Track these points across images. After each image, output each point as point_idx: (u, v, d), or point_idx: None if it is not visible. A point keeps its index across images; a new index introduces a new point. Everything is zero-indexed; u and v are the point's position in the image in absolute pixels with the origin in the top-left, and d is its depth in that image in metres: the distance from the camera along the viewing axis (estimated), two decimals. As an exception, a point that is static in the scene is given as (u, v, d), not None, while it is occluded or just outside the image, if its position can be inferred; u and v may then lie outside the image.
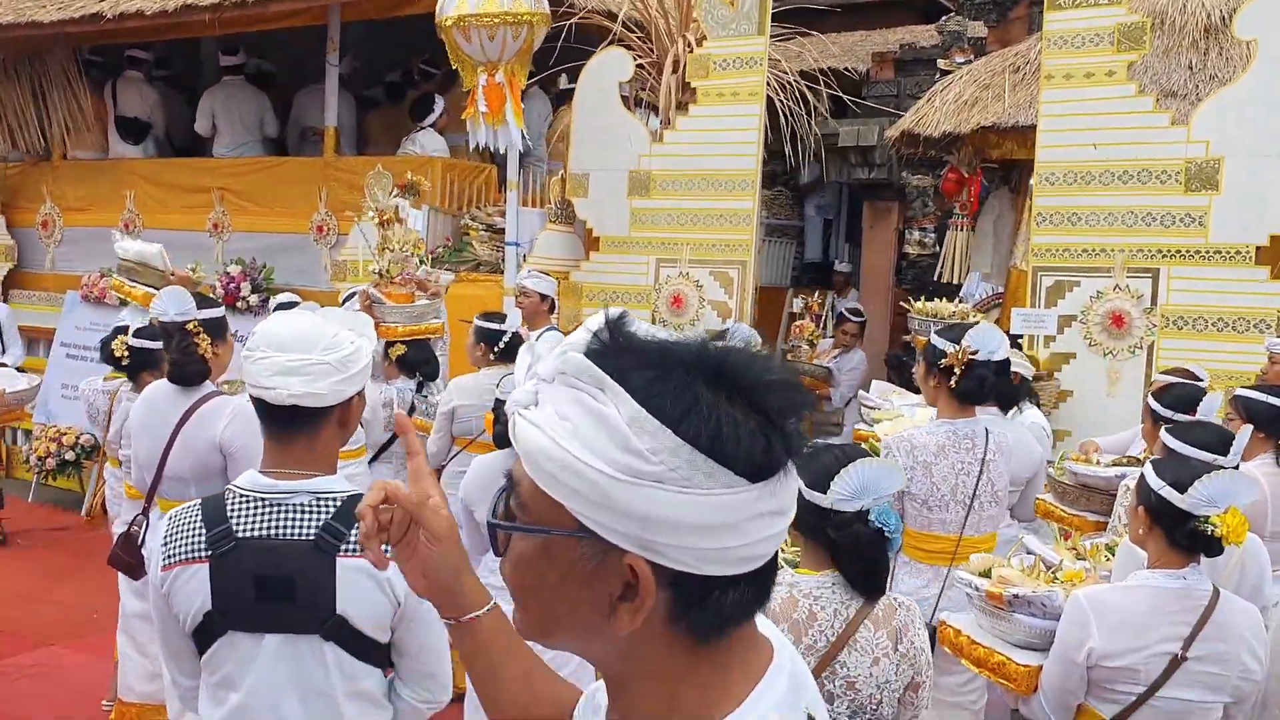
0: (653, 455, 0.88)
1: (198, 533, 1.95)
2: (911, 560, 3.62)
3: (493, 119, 6.23)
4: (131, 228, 8.58)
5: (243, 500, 1.96)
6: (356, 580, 1.93)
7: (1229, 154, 5.44)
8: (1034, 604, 2.65)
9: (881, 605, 2.29)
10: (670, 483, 0.88)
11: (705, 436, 0.89)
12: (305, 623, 1.94)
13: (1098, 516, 3.86)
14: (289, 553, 1.92)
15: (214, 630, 1.95)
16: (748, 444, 0.90)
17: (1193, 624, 2.40)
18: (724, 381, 0.92)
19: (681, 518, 0.89)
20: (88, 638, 4.87)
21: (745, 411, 0.91)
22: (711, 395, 0.91)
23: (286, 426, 1.99)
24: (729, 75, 6.67)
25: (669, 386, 0.91)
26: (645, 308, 6.93)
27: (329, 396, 1.98)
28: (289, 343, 1.97)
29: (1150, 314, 5.64)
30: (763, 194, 8.04)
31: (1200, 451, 2.89)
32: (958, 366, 3.47)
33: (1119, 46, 5.66)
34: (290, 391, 1.94)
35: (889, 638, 2.25)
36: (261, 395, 1.97)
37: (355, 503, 1.93)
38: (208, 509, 1.98)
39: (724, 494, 0.89)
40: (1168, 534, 2.42)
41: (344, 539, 1.93)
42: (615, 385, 0.91)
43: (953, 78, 7.65)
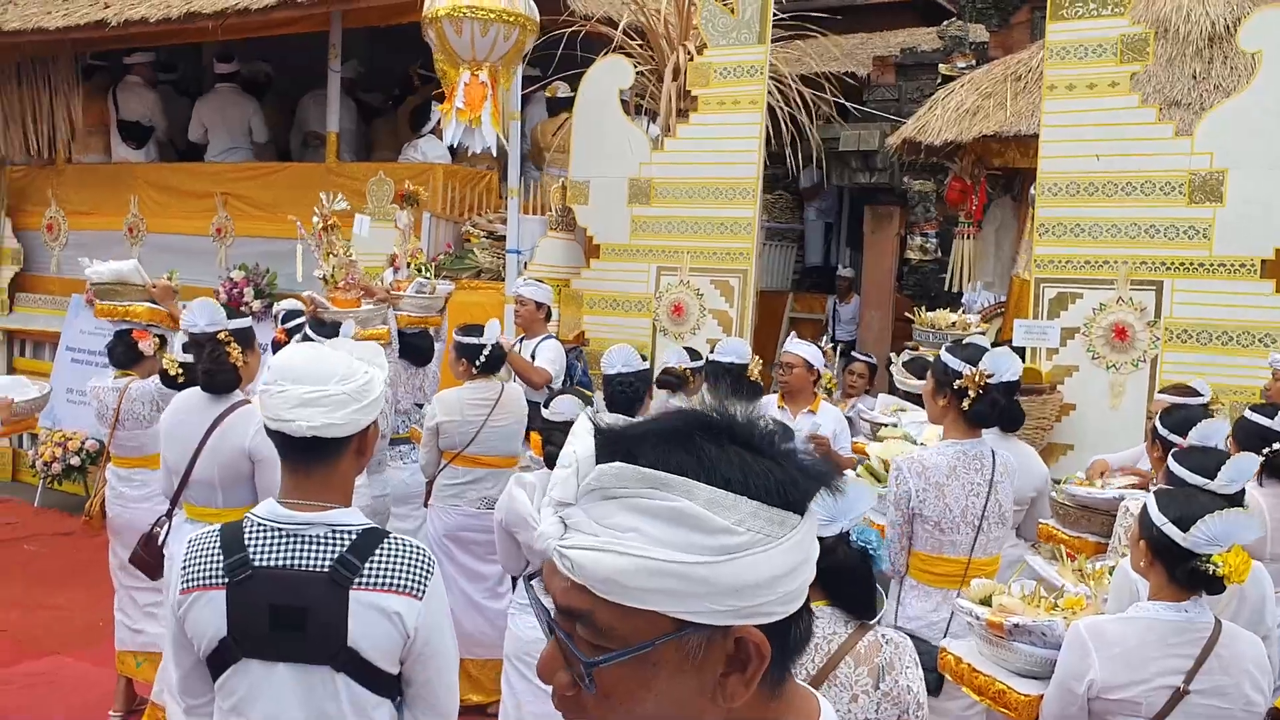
0: (739, 526, 0.91)
1: (216, 559, 1.99)
2: (920, 584, 3.57)
3: (468, 116, 6.15)
4: (135, 232, 8.61)
5: (260, 530, 2.00)
6: (368, 614, 1.96)
7: (1233, 166, 5.43)
8: (1034, 633, 2.65)
9: (866, 641, 2.27)
10: (757, 545, 0.91)
11: (770, 490, 0.93)
12: (317, 653, 1.97)
13: (1098, 538, 3.85)
14: (303, 584, 1.96)
15: (228, 657, 1.98)
16: (791, 483, 0.95)
17: (1195, 656, 2.40)
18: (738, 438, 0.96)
19: (773, 571, 0.92)
20: (94, 646, 4.88)
21: (766, 455, 0.96)
22: (747, 452, 0.95)
23: (305, 458, 2.02)
24: (729, 83, 6.66)
25: (716, 458, 0.94)
26: (646, 316, 6.93)
27: (347, 426, 2.01)
28: (305, 375, 2.00)
29: (1154, 327, 5.63)
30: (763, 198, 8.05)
31: (1192, 475, 2.89)
32: (973, 389, 3.44)
33: (1122, 57, 5.65)
34: (310, 423, 1.97)
35: (870, 675, 2.24)
36: (281, 428, 2.00)
37: (371, 536, 2.01)
38: (226, 536, 2.01)
39: (794, 534, 0.94)
40: (1168, 570, 2.42)
41: (358, 572, 1.97)
42: (675, 478, 0.91)
43: (954, 86, 7.64)
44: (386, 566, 1.99)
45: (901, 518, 3.53)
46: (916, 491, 3.48)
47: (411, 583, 1.99)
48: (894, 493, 3.54)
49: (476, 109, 5.95)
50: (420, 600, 1.99)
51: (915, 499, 3.48)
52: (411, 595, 1.99)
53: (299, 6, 7.30)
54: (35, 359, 9.11)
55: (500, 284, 6.96)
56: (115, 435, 4.68)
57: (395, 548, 2.02)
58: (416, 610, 1.98)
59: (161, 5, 7.67)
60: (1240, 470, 2.88)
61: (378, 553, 1.99)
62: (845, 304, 10.65)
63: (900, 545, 3.59)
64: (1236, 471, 2.86)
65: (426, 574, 2.02)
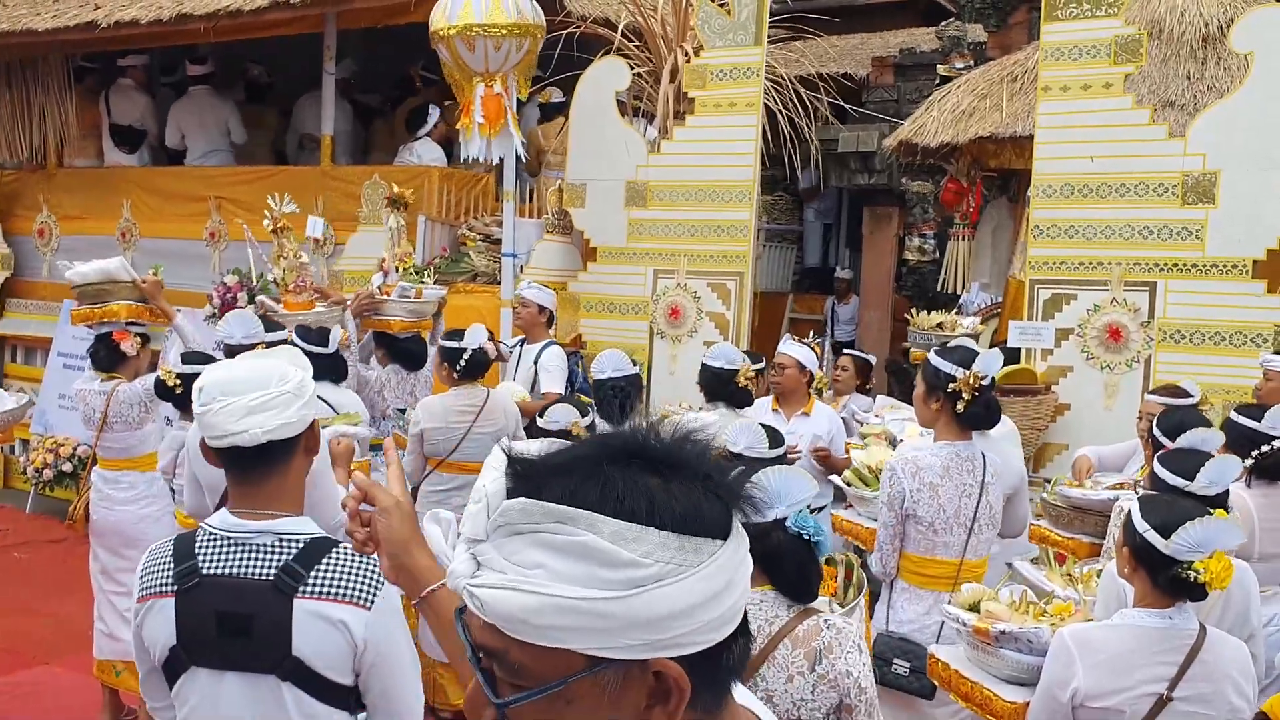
0: (646, 558, 0.88)
1: (167, 568, 2.00)
2: (911, 586, 3.56)
3: (489, 130, 6.20)
4: (128, 237, 8.59)
5: (210, 539, 2.01)
6: (313, 622, 1.95)
7: (1226, 167, 5.42)
8: (1020, 640, 2.64)
9: (806, 625, 2.30)
10: (669, 575, 0.89)
11: (679, 518, 0.90)
12: (263, 662, 1.97)
13: (1092, 539, 3.84)
14: (249, 592, 1.96)
15: (179, 665, 1.99)
16: (708, 506, 0.92)
17: (1179, 664, 2.39)
18: (653, 464, 0.93)
19: (689, 601, 0.89)
20: (83, 655, 4.85)
21: (683, 479, 0.93)
22: (655, 479, 0.92)
23: (256, 467, 2.02)
24: (726, 85, 6.65)
25: (621, 489, 0.91)
26: (643, 319, 6.92)
27: (298, 424, 2.03)
28: (245, 385, 2.00)
29: (1148, 328, 5.62)
30: (762, 199, 8.05)
31: (1173, 476, 2.88)
32: (968, 392, 3.43)
33: (1116, 58, 5.64)
34: (265, 427, 1.97)
35: (806, 658, 2.27)
36: (232, 441, 1.98)
37: (318, 545, 2.02)
38: (179, 545, 2.03)
39: (713, 560, 0.91)
40: (1151, 577, 2.41)
41: (302, 580, 1.96)
42: (579, 512, 0.89)
43: (950, 87, 7.63)
44: (333, 575, 1.98)
45: (895, 519, 3.52)
46: (911, 492, 3.48)
47: (358, 592, 1.98)
48: (887, 493, 3.53)
49: (496, 123, 5.99)
50: (368, 610, 1.97)
51: (910, 499, 3.48)
52: (358, 605, 1.97)
53: (292, 8, 7.27)
54: (27, 365, 9.09)
55: (496, 288, 6.95)
56: (102, 437, 4.67)
57: (343, 557, 2.01)
58: (364, 620, 1.96)
59: (152, 7, 7.65)
60: (1221, 472, 2.87)
61: (324, 562, 1.99)
62: (844, 304, 10.65)
63: (892, 548, 3.58)
64: (1217, 473, 2.85)
65: (376, 584, 1.99)
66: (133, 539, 4.63)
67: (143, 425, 4.65)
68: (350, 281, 7.40)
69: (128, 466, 4.66)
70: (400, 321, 5.34)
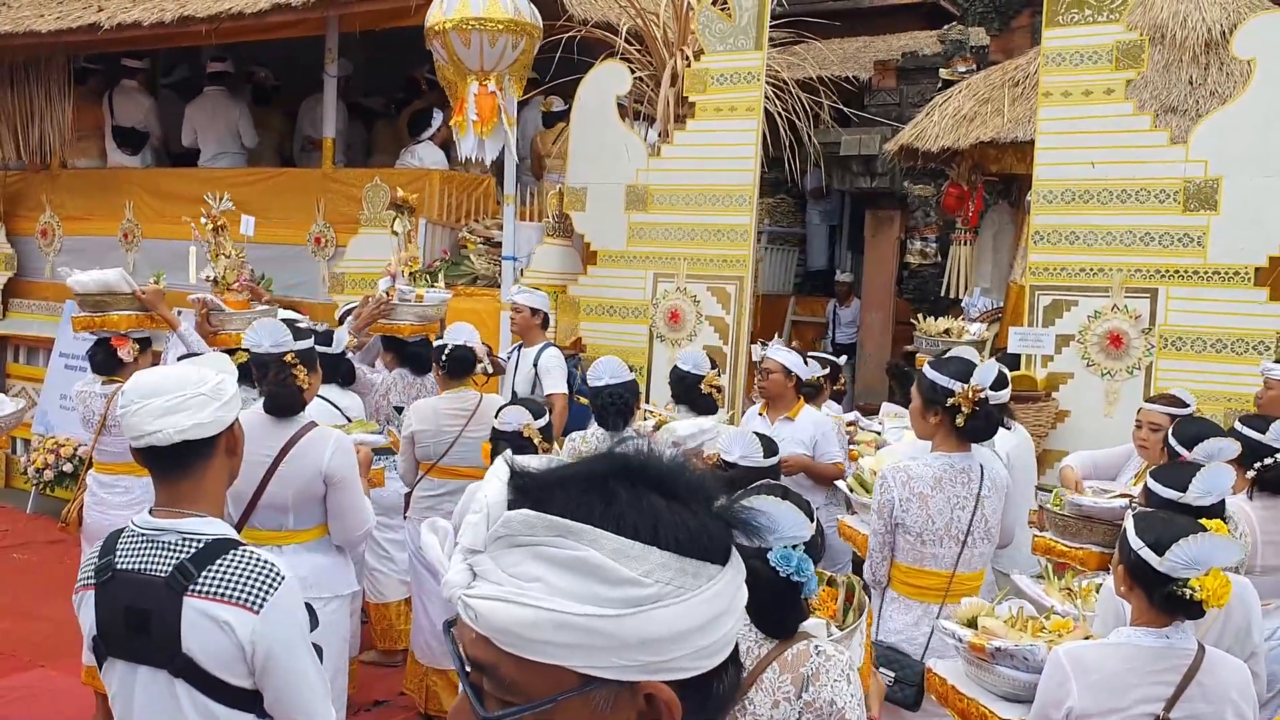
0: (647, 578, 0.87)
1: (93, 562, 2.10)
2: (901, 597, 3.55)
3: (482, 128, 6.17)
4: (130, 238, 8.59)
5: (130, 535, 2.09)
6: (200, 621, 2.00)
7: (1228, 174, 5.40)
8: (1016, 657, 2.62)
9: (794, 650, 2.27)
10: (668, 597, 0.87)
11: (682, 540, 0.89)
12: (159, 658, 2.03)
13: (1103, 549, 3.78)
14: (148, 588, 2.02)
15: (100, 655, 2.09)
16: (710, 529, 0.91)
17: (1175, 684, 2.37)
18: (657, 484, 0.92)
19: (686, 625, 0.88)
20: (79, 658, 4.85)
21: (687, 500, 0.92)
22: (660, 498, 0.91)
23: (174, 466, 2.09)
24: (727, 90, 6.64)
25: (626, 506, 0.90)
26: (643, 322, 6.91)
27: (213, 425, 2.09)
28: (159, 388, 2.08)
29: (1149, 334, 5.60)
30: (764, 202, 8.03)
31: (1165, 489, 2.87)
32: (967, 406, 3.40)
33: (1117, 64, 5.62)
34: (178, 427, 2.04)
35: (793, 683, 2.24)
36: (149, 441, 2.05)
37: (218, 546, 2.06)
38: (107, 541, 2.12)
39: (711, 585, 0.90)
40: (1147, 594, 2.39)
41: (193, 579, 2.01)
42: (582, 526, 0.87)
43: (951, 92, 7.61)
44: (223, 577, 2.01)
45: (884, 527, 3.51)
46: (900, 501, 3.45)
47: (246, 595, 2.00)
48: (877, 501, 3.52)
49: (489, 121, 5.96)
50: (256, 614, 2.00)
51: (898, 508, 3.46)
52: (244, 607, 2.00)
53: (293, 10, 7.27)
54: (29, 365, 9.09)
55: (496, 291, 6.94)
56: (100, 441, 4.65)
57: (238, 559, 2.04)
58: (250, 623, 1.99)
59: (155, 9, 7.65)
60: (1214, 482, 2.85)
61: (218, 563, 2.02)
62: (845, 307, 10.64)
63: (881, 556, 3.56)
64: (1210, 483, 2.83)
65: (267, 588, 2.02)
66: (128, 543, 4.63)
67: (141, 431, 4.64)
68: (351, 284, 7.41)
69: (124, 470, 4.65)
70: (410, 325, 5.33)
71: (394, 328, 5.37)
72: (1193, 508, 2.71)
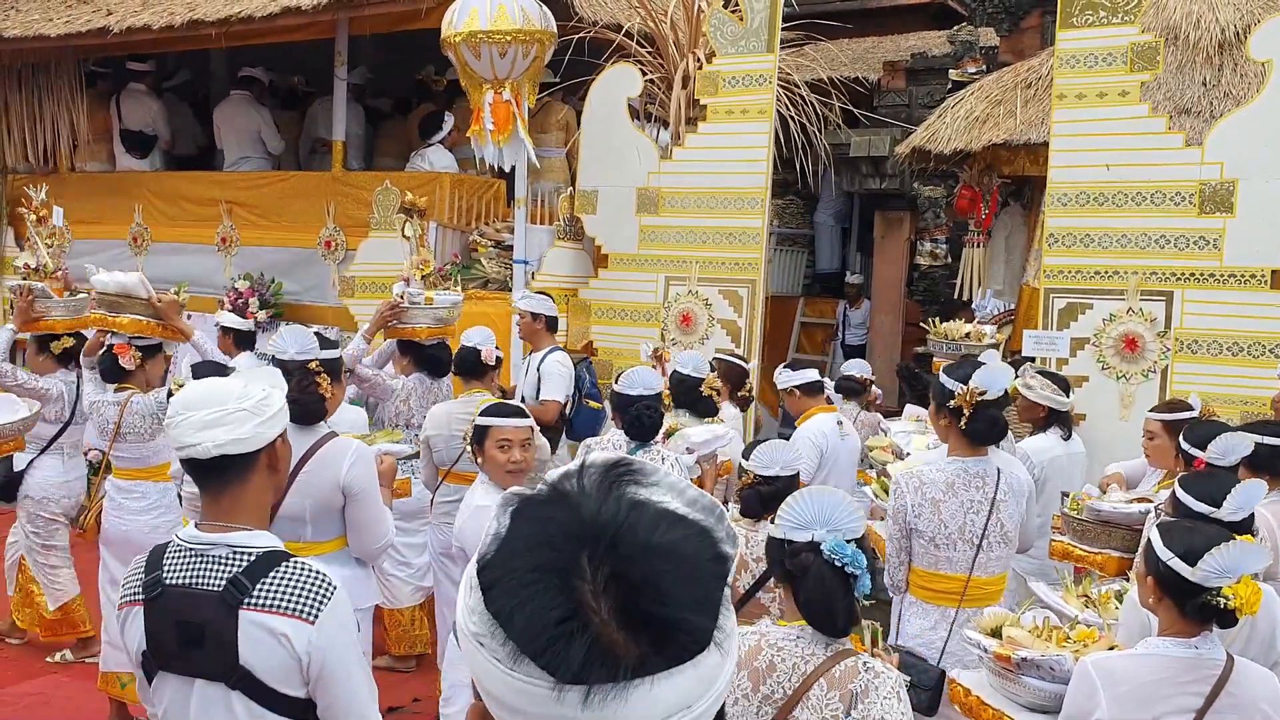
0: (471, 614, 0.88)
1: (139, 577, 2.09)
2: (919, 601, 3.57)
3: (499, 136, 6.18)
4: (140, 241, 8.59)
5: (177, 550, 2.08)
6: (256, 634, 2.00)
7: (1243, 176, 5.37)
8: (1042, 667, 2.60)
9: (844, 665, 2.22)
10: (487, 648, 0.86)
11: (505, 615, 0.85)
12: (214, 670, 2.03)
13: (1122, 554, 3.77)
14: (201, 602, 2.02)
15: (150, 670, 2.09)
16: (551, 641, 0.82)
17: (1205, 694, 2.35)
18: (601, 566, 0.83)
19: (491, 686, 0.87)
20: (93, 664, 4.85)
21: (604, 604, 0.82)
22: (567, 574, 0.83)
23: (216, 480, 2.09)
24: (738, 92, 6.62)
25: (510, 549, 0.87)
26: (654, 326, 6.89)
27: (252, 441, 2.08)
28: (203, 400, 2.08)
29: (1164, 338, 5.57)
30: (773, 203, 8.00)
31: (1197, 502, 2.84)
32: (966, 408, 3.42)
33: (1132, 66, 5.59)
34: (215, 442, 2.04)
35: (841, 700, 2.18)
36: (190, 454, 2.06)
37: (269, 558, 2.06)
38: (152, 555, 2.11)
39: (521, 681, 0.83)
40: (1178, 605, 2.37)
41: (248, 592, 2.01)
42: (491, 535, 0.89)
43: (964, 93, 7.58)
44: (278, 589, 2.02)
45: (899, 532, 3.55)
46: (912, 506, 3.49)
47: (302, 606, 2.01)
48: (891, 506, 3.56)
49: (505, 129, 5.95)
50: (312, 625, 2.01)
51: (911, 514, 3.49)
52: (300, 618, 2.01)
53: (303, 14, 7.27)
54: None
55: (507, 294, 6.93)
56: (116, 447, 4.66)
57: (291, 571, 2.05)
58: (307, 634, 2.01)
59: (164, 13, 7.65)
60: (1248, 497, 2.83)
61: (272, 575, 2.03)
62: (855, 309, 10.61)
63: (899, 560, 3.58)
64: (1244, 499, 2.81)
65: (322, 599, 2.03)
66: (143, 549, 4.59)
67: (155, 438, 4.64)
68: (362, 288, 7.40)
69: (141, 476, 4.65)
70: (426, 329, 5.31)
71: (410, 331, 5.35)
72: (1225, 522, 2.68)
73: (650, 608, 0.83)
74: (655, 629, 0.83)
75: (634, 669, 0.82)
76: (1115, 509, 3.81)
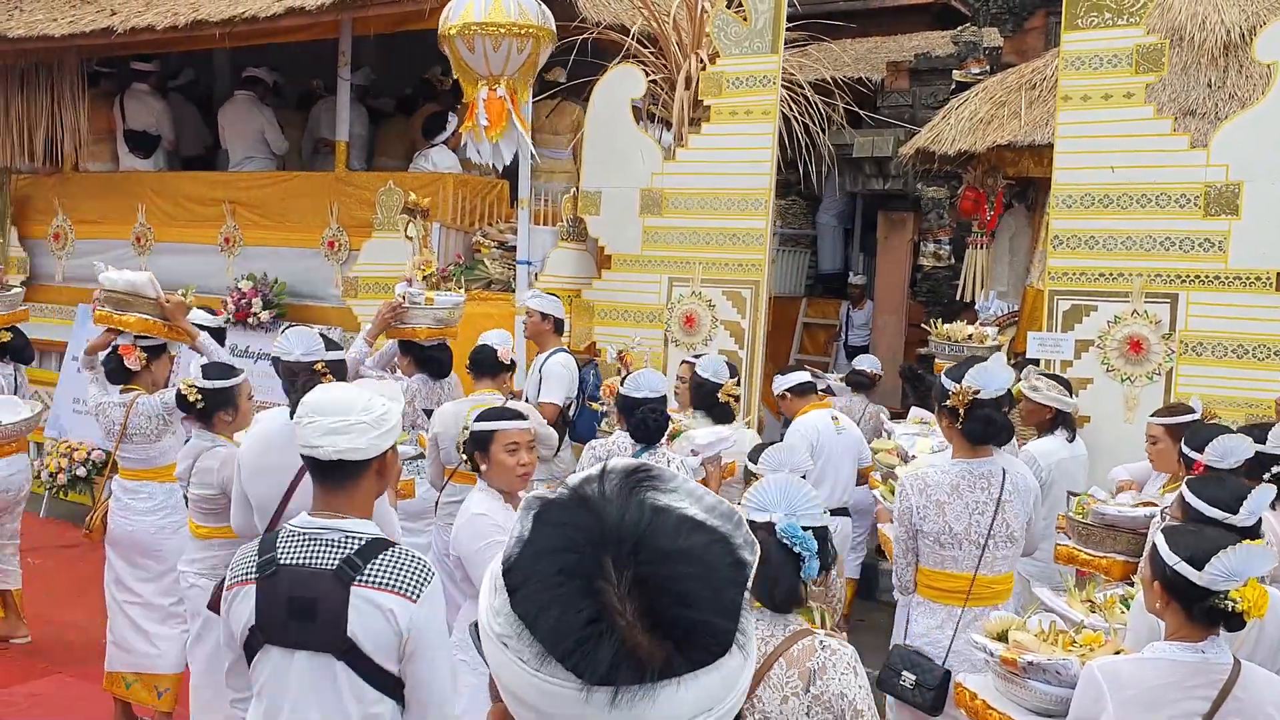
0: (496, 616, 0.89)
1: (252, 560, 2.34)
2: (926, 600, 3.59)
3: (493, 133, 6.14)
4: (143, 241, 8.59)
5: (289, 535, 2.34)
6: (365, 608, 2.22)
7: (1249, 178, 5.36)
8: (1049, 671, 2.60)
9: (801, 645, 2.31)
10: (510, 649, 0.87)
11: (531, 616, 0.86)
12: (323, 642, 2.24)
13: (1127, 558, 3.77)
14: (315, 579, 2.25)
15: (255, 643, 2.31)
16: (574, 641, 0.84)
17: (1212, 699, 2.35)
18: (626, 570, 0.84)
19: (514, 687, 0.87)
20: (96, 665, 4.83)
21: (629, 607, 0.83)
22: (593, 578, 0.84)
23: (332, 478, 2.35)
24: (742, 93, 6.61)
25: (535, 550, 0.88)
26: (658, 327, 6.89)
27: (367, 450, 2.34)
28: (330, 408, 2.34)
29: (1169, 340, 5.56)
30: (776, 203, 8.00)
31: (1210, 508, 2.83)
32: (961, 407, 3.42)
33: (1137, 68, 5.58)
34: (336, 448, 2.31)
35: (800, 678, 2.27)
36: (312, 453, 2.33)
37: (377, 543, 2.30)
38: (264, 542, 2.37)
39: (547, 682, 0.85)
40: (1185, 609, 2.37)
41: (360, 571, 2.24)
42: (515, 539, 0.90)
43: (968, 95, 7.57)
44: (386, 569, 2.24)
45: (905, 534, 3.56)
46: (917, 508, 3.51)
47: (407, 586, 2.23)
48: (897, 508, 3.58)
49: (498, 125, 5.92)
50: (415, 603, 2.23)
51: (916, 515, 3.52)
52: (406, 596, 2.22)
53: (307, 14, 7.26)
54: (43, 369, 9.08)
55: (511, 295, 6.93)
56: (122, 448, 4.66)
57: (397, 555, 2.28)
58: (410, 611, 2.22)
59: (168, 13, 7.64)
60: (1259, 502, 2.83)
61: (380, 557, 2.26)
62: (858, 310, 10.60)
63: (906, 561, 3.60)
64: (1256, 504, 2.81)
65: (423, 581, 2.26)
66: (149, 549, 4.62)
67: (160, 439, 4.64)
68: (365, 289, 7.40)
69: (147, 477, 4.65)
70: (426, 330, 5.31)
71: (410, 331, 5.36)
72: (1237, 528, 2.68)
73: (675, 611, 0.84)
74: (680, 632, 0.84)
75: (660, 671, 0.84)
76: (1120, 512, 3.81)
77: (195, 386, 4.07)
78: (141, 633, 4.59)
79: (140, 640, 4.58)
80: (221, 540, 3.90)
